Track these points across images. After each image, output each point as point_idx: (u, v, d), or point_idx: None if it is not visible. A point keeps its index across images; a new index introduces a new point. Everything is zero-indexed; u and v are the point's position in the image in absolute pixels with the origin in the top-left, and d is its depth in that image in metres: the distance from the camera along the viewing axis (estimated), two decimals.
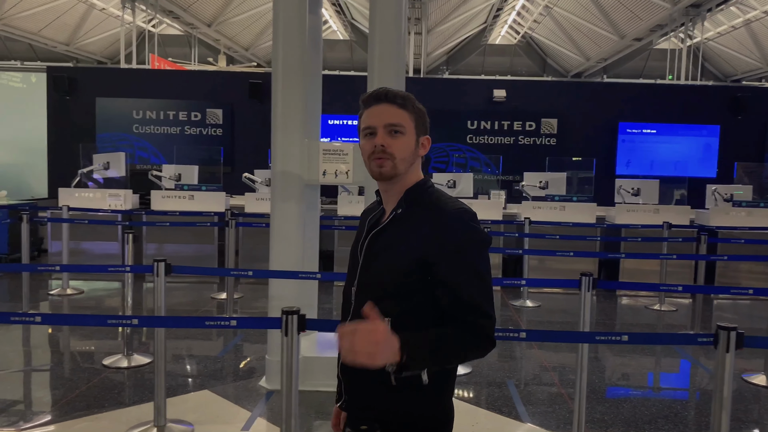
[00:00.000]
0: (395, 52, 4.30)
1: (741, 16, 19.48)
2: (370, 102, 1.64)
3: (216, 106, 10.04)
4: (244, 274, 4.35)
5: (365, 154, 1.63)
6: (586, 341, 3.30)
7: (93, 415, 3.82)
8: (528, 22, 25.60)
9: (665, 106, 10.33)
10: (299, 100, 4.30)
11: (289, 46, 4.26)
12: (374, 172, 1.62)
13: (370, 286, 1.62)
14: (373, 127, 1.61)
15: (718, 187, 8.46)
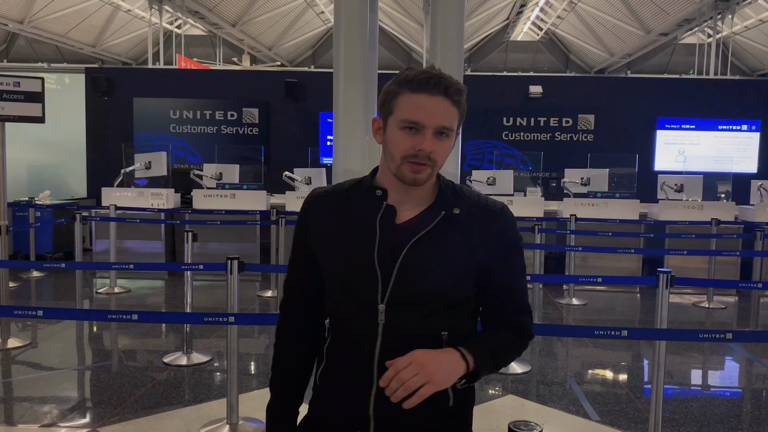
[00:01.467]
0: (457, 51, 4.28)
1: None
2: (421, 87, 1.35)
3: (252, 105, 10.07)
4: None
5: (399, 151, 1.36)
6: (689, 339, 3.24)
7: (165, 413, 3.83)
8: (552, 18, 25.42)
9: (703, 101, 10.19)
10: (359, 99, 4.29)
11: (351, 47, 4.26)
12: (407, 177, 1.37)
13: (412, 301, 1.39)
14: (420, 125, 1.34)
15: (763, 182, 8.32)
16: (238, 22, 20.28)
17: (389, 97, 1.39)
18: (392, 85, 1.41)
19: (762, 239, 6.04)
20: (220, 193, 8.07)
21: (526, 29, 27.89)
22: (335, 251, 1.44)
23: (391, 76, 1.44)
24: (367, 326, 1.39)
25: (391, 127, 1.38)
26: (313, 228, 1.49)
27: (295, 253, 1.56)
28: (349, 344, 1.43)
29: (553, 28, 26.78)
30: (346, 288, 1.43)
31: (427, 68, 1.39)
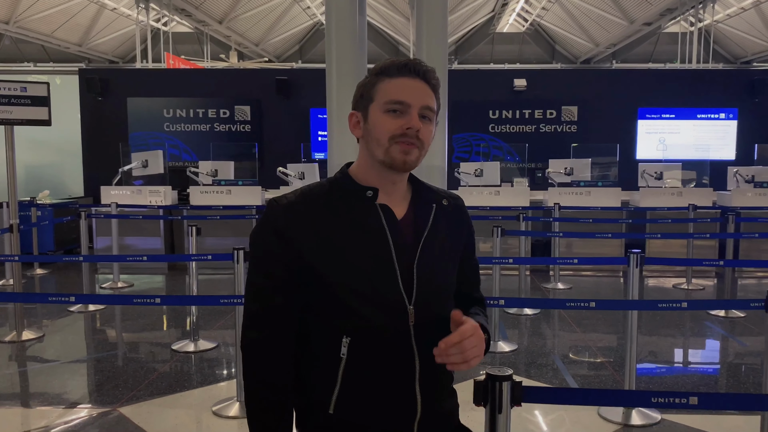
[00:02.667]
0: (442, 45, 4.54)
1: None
2: (400, 71, 1.37)
3: (244, 102, 10.30)
4: None
5: (386, 133, 1.35)
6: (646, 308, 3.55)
7: (178, 393, 4.11)
8: (537, 10, 25.70)
9: (683, 91, 10.52)
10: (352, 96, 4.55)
11: (342, 46, 4.52)
12: (397, 159, 1.35)
13: (433, 296, 1.42)
14: (405, 104, 1.35)
15: (739, 169, 8.67)
16: (224, 19, 20.42)
17: (366, 88, 1.40)
18: (367, 78, 1.42)
19: (733, 222, 6.38)
20: (217, 189, 8.32)
21: (512, 21, 28.15)
22: (349, 263, 1.34)
23: None
24: (399, 332, 1.36)
25: (374, 113, 1.37)
26: (303, 242, 1.35)
27: (268, 278, 1.37)
28: (378, 356, 1.36)
29: (539, 19, 27.06)
30: (368, 298, 1.34)
31: (397, 58, 1.41)
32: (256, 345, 1.40)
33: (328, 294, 1.35)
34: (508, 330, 5.72)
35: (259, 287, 1.39)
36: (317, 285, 1.35)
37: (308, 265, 1.35)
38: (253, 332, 1.40)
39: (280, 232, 1.36)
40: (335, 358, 1.36)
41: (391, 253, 1.36)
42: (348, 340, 1.35)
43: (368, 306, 1.34)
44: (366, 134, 1.41)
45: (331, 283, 1.34)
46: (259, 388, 1.40)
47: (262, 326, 1.39)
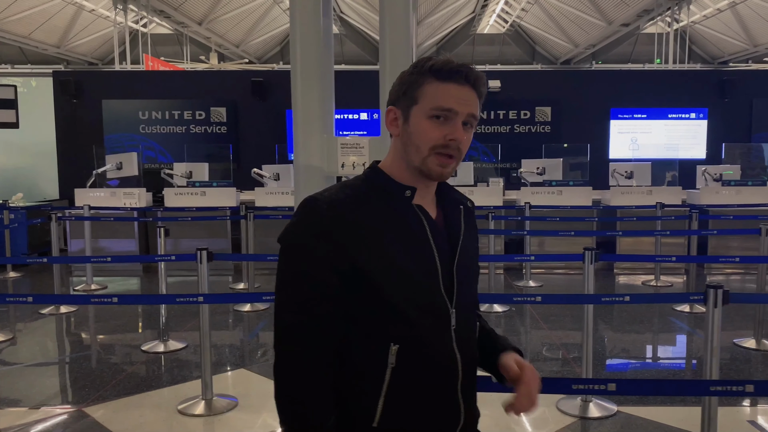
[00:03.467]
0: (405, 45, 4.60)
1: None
2: (451, 76, 1.30)
3: (219, 104, 10.32)
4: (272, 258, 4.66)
5: (428, 141, 1.30)
6: (591, 302, 3.66)
7: (145, 393, 4.15)
8: (516, 11, 25.92)
9: (655, 91, 10.70)
10: (317, 98, 4.60)
11: (306, 49, 4.55)
12: (434, 171, 1.32)
13: (470, 302, 1.43)
14: (453, 111, 1.30)
15: (707, 167, 8.85)
16: (204, 21, 20.37)
17: (412, 86, 1.33)
18: (413, 74, 1.34)
19: (697, 220, 6.52)
20: (191, 191, 8.34)
21: (492, 22, 28.38)
22: (399, 267, 1.29)
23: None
24: (444, 335, 1.34)
25: (417, 116, 1.31)
26: (353, 245, 1.27)
27: (315, 286, 1.27)
28: (425, 363, 1.32)
29: (519, 21, 27.30)
30: (417, 303, 1.30)
31: (449, 59, 1.34)
32: (298, 362, 1.28)
33: (378, 300, 1.28)
34: None
35: (304, 296, 1.27)
36: (367, 290, 1.28)
37: (359, 269, 1.27)
38: (295, 347, 1.28)
39: (328, 233, 1.26)
40: (381, 367, 1.29)
41: (435, 256, 1.33)
42: (396, 348, 1.29)
43: (417, 311, 1.30)
44: (404, 135, 1.35)
45: (383, 288, 1.28)
46: (300, 411, 1.28)
47: (307, 340, 1.27)
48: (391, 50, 4.60)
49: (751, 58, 25.46)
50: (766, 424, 3.79)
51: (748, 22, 22.78)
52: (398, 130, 1.36)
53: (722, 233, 7.60)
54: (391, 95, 1.39)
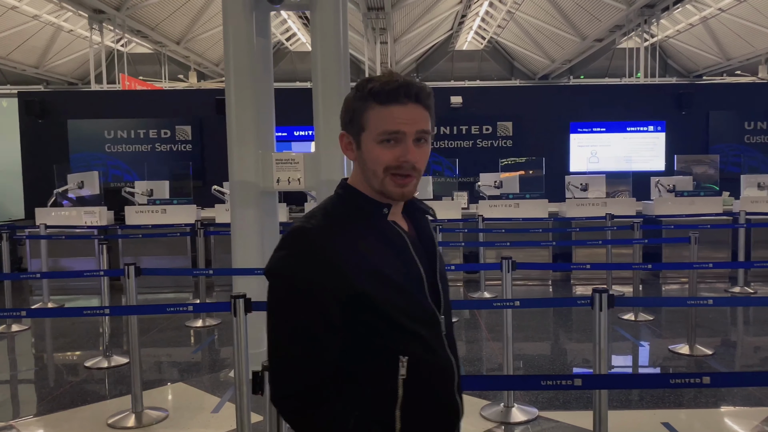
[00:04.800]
0: (337, 64, 4.75)
1: (697, 14, 20.28)
2: (390, 98, 1.29)
3: (185, 122, 10.44)
4: (205, 272, 4.79)
5: (380, 165, 1.31)
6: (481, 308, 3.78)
7: (77, 408, 4.22)
8: (492, 28, 26.30)
9: (615, 105, 10.91)
10: (251, 115, 4.75)
11: (240, 69, 4.71)
12: (393, 192, 1.33)
13: (449, 306, 1.48)
14: (400, 133, 1.30)
15: (660, 179, 9.04)
16: (182, 40, 20.55)
17: (356, 114, 1.33)
18: (356, 100, 1.33)
19: (639, 230, 6.68)
20: (152, 208, 8.43)
21: (470, 38, 28.75)
22: (393, 282, 1.31)
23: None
24: (439, 343, 1.38)
25: (367, 143, 1.32)
26: (351, 269, 1.27)
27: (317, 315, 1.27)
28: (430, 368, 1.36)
29: (496, 37, 27.68)
30: (413, 315, 1.33)
31: (387, 76, 1.33)
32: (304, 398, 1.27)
33: (379, 318, 1.29)
34: None
35: (304, 327, 1.26)
36: (368, 312, 1.28)
37: (359, 294, 1.27)
38: (298, 383, 1.28)
39: (326, 260, 1.26)
40: (393, 380, 1.31)
41: (419, 268, 1.35)
42: (406, 359, 1.31)
43: (415, 322, 1.33)
44: (360, 161, 1.36)
45: (382, 306, 1.29)
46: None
47: (310, 373, 1.27)
48: (323, 70, 4.76)
49: (725, 71, 25.93)
50: (677, 424, 3.90)
51: (720, 37, 23.23)
52: (353, 155, 1.38)
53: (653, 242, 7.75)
54: (341, 120, 1.39)
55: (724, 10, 19.42)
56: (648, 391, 4.37)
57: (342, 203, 1.37)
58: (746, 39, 21.91)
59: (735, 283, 8.07)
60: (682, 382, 2.25)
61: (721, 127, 10.89)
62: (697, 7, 19.65)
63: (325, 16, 4.70)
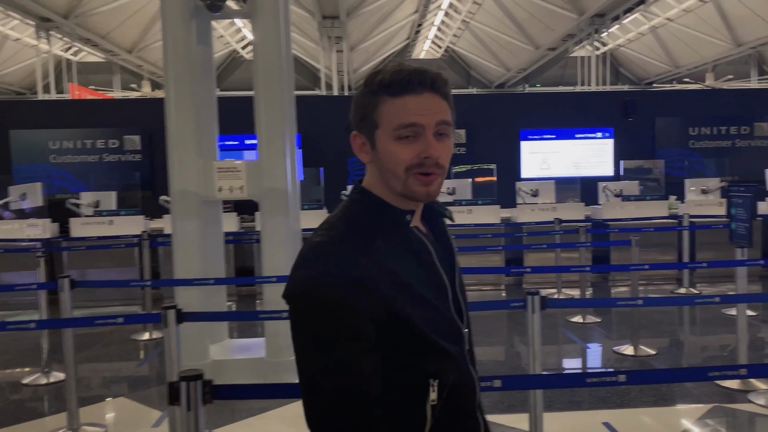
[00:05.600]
0: (278, 72, 4.73)
1: (647, 23, 20.87)
2: (404, 89, 1.18)
3: (134, 132, 10.25)
4: (142, 284, 4.69)
5: (400, 164, 1.18)
6: None
7: (11, 427, 4.07)
8: (449, 37, 26.62)
9: (564, 113, 11.14)
10: (191, 123, 4.68)
11: (179, 76, 4.65)
12: (419, 192, 1.20)
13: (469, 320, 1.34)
14: (419, 126, 1.18)
15: (607, 184, 9.24)
16: (134, 49, 20.21)
17: (367, 110, 1.21)
18: (365, 96, 1.22)
19: (585, 234, 6.81)
20: (98, 220, 8.23)
21: (427, 47, 29.04)
22: (423, 298, 1.20)
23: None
24: (463, 359, 1.27)
25: (383, 141, 1.20)
26: (383, 287, 1.14)
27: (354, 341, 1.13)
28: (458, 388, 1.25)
29: (453, 46, 28.02)
30: (443, 331, 1.22)
31: (397, 66, 1.21)
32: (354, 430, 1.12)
33: (411, 337, 1.17)
34: None
35: (345, 355, 1.11)
36: (400, 331, 1.16)
37: (392, 312, 1.14)
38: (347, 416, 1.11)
39: (358, 278, 1.12)
40: (421, 405, 1.19)
41: (443, 279, 1.25)
42: (436, 383, 1.19)
43: (444, 339, 1.21)
44: (376, 162, 1.23)
45: (415, 323, 1.16)
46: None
47: (358, 404, 1.12)
48: (265, 78, 4.73)
49: (674, 78, 26.75)
50: (617, 424, 3.97)
51: (669, 45, 23.95)
52: (369, 157, 1.24)
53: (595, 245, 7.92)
54: (352, 120, 1.26)
55: (672, 19, 20.07)
56: (593, 393, 4.44)
57: (362, 211, 1.23)
58: (693, 48, 22.65)
59: (682, 284, 8.30)
60: (598, 381, 2.29)
61: (667, 132, 11.21)
62: (646, 17, 20.25)
63: (266, 25, 4.68)
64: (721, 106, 11.49)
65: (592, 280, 8.92)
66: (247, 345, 5.12)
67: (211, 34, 5.18)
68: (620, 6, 17.08)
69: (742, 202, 4.54)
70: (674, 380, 4.30)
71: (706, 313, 6.87)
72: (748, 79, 24.40)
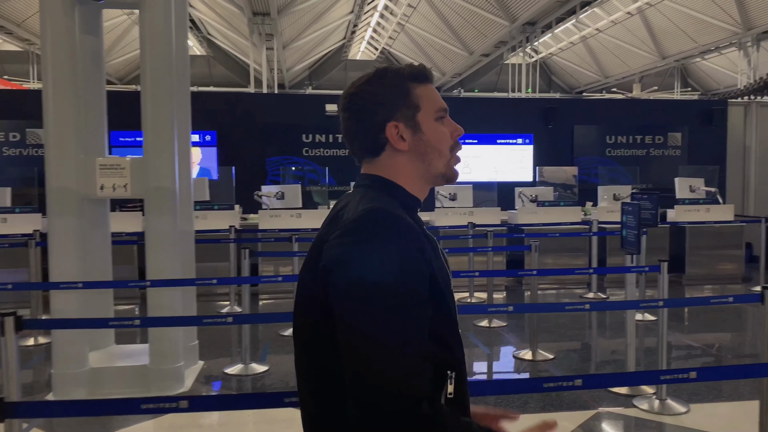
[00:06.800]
0: (168, 66, 4.51)
1: (578, 33, 21.43)
2: (427, 78, 1.31)
3: (38, 125, 9.69)
4: (3, 287, 4.38)
5: (447, 142, 1.29)
6: None
7: None
8: (384, 39, 26.63)
9: (486, 118, 11.22)
10: (71, 117, 4.40)
11: (58, 68, 4.37)
12: (456, 171, 1.31)
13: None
14: (447, 110, 1.31)
15: (523, 189, 9.36)
16: None
17: (401, 97, 1.27)
18: (392, 86, 1.27)
19: (492, 238, 6.85)
20: None
21: (363, 48, 28.98)
22: (447, 286, 1.21)
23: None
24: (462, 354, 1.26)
25: (428, 123, 1.27)
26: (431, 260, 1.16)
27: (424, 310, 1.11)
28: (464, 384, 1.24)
29: (388, 48, 28.06)
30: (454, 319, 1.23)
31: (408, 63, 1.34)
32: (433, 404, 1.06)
33: (444, 322, 1.17)
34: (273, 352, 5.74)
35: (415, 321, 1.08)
36: (439, 307, 1.15)
37: (435, 290, 1.14)
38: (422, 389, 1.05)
39: (418, 246, 1.12)
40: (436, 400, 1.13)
41: (448, 269, 1.26)
42: (453, 375, 1.17)
43: (456, 326, 1.23)
44: (419, 146, 1.27)
45: (450, 307, 1.19)
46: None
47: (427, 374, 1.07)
48: (152, 72, 4.50)
49: (604, 88, 27.61)
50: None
51: (599, 56, 24.71)
52: (407, 144, 1.26)
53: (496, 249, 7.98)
54: (379, 111, 1.26)
55: (602, 30, 20.65)
56: (489, 400, 4.42)
57: (392, 196, 1.24)
58: (621, 58, 23.42)
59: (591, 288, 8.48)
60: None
61: (585, 140, 11.47)
62: (577, 27, 20.79)
63: (154, 16, 4.45)
64: (637, 116, 11.86)
65: (507, 284, 9.03)
66: (131, 351, 4.86)
67: (101, 25, 4.90)
68: (551, 15, 17.46)
69: (632, 210, 4.61)
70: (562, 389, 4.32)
71: (611, 317, 7.02)
72: (671, 91, 25.45)
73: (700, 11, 17.27)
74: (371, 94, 1.27)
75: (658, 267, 4.18)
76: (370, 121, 1.26)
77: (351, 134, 1.30)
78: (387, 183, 1.26)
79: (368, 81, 1.29)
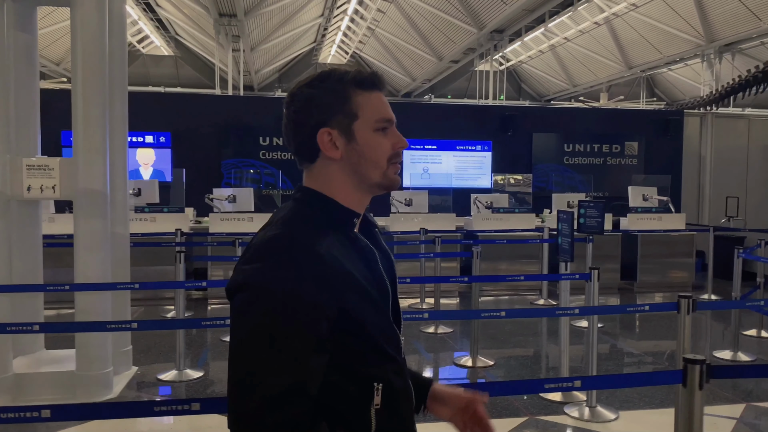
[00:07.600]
0: (100, 65, 4.43)
1: (546, 42, 21.66)
2: (373, 85, 1.26)
3: None
4: None
5: (384, 154, 1.24)
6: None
7: None
8: (355, 43, 26.63)
9: (447, 124, 11.28)
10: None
11: None
12: (395, 181, 1.27)
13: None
14: (391, 121, 1.26)
15: (478, 195, 9.42)
16: None
17: (339, 103, 1.22)
18: (332, 91, 1.23)
19: (440, 244, 6.87)
20: None
21: (333, 52, 28.95)
22: (373, 301, 1.19)
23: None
24: (403, 365, 1.28)
25: (364, 132, 1.22)
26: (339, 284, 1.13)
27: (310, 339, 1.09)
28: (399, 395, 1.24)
29: (359, 52, 28.06)
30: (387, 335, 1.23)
31: (349, 66, 1.30)
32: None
33: (364, 340, 1.17)
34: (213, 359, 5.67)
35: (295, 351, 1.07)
36: (350, 331, 1.15)
37: (345, 311, 1.13)
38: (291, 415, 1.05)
39: (314, 275, 1.10)
40: (366, 410, 1.18)
41: (387, 284, 1.23)
42: (381, 386, 1.18)
43: (389, 345, 1.22)
44: (352, 155, 1.22)
45: (369, 325, 1.18)
46: None
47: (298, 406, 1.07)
48: (84, 71, 4.42)
49: (572, 96, 27.95)
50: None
51: (568, 64, 24.98)
52: (340, 152, 1.22)
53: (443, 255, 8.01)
54: (314, 115, 1.22)
55: (570, 39, 20.90)
56: None
57: (313, 210, 1.21)
58: (589, 67, 23.72)
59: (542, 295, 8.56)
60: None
61: (543, 148, 11.60)
62: (546, 35, 21.01)
63: (86, 14, 4.37)
64: (596, 125, 12.03)
65: (461, 290, 9.05)
66: (60, 357, 4.75)
67: (36, 22, 4.80)
68: (519, 23, 17.61)
69: (566, 218, 4.66)
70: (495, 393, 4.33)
71: (558, 324, 7.07)
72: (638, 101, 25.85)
73: (665, 23, 17.57)
74: (309, 97, 1.23)
75: (589, 275, 4.23)
76: (304, 124, 1.23)
77: (288, 137, 1.27)
78: (317, 197, 1.23)
79: (309, 83, 1.25)
